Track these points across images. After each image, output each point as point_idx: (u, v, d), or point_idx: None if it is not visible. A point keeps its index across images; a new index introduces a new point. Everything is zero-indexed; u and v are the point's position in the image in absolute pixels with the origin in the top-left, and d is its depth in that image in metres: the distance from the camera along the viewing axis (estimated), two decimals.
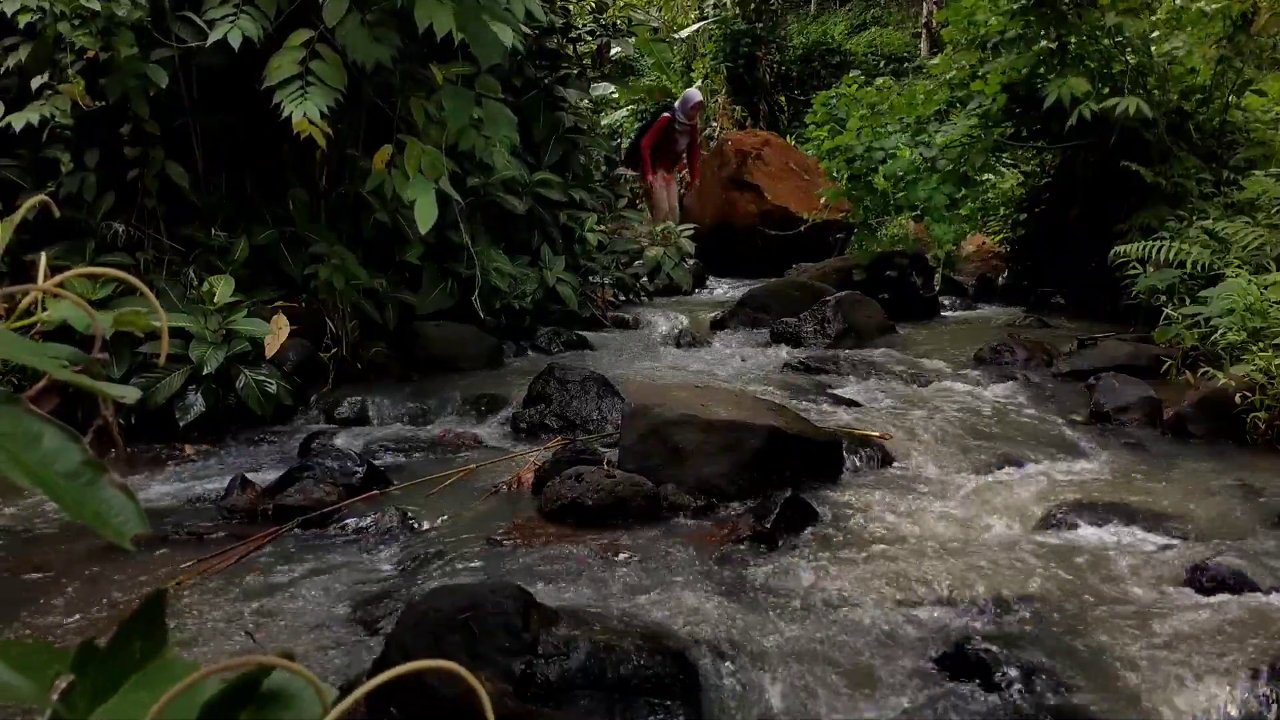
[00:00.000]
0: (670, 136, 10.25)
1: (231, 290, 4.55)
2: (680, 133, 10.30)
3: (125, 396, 0.49)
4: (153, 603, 0.43)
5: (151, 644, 0.42)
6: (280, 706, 0.40)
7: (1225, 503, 3.26)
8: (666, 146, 10.30)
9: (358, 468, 3.61)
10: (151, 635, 0.42)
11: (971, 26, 7.38)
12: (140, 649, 0.42)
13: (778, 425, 3.45)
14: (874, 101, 8.76)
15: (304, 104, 4.24)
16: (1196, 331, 4.79)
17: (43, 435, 0.43)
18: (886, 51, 17.58)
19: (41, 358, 0.45)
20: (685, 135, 10.37)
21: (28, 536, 3.21)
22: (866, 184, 8.25)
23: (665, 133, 10.26)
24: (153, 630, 0.42)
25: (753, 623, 2.40)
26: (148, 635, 0.42)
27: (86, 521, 0.43)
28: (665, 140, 10.25)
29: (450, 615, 2.19)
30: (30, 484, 0.42)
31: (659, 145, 10.24)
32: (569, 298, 6.46)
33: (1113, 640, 2.29)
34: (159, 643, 0.42)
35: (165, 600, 0.44)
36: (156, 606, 0.43)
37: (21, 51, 4.40)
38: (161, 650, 0.42)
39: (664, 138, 10.25)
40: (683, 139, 10.38)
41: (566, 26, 7.69)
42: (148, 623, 0.42)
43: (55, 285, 0.49)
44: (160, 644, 0.42)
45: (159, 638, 0.42)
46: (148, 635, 0.42)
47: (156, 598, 0.43)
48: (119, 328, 0.56)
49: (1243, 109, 6.84)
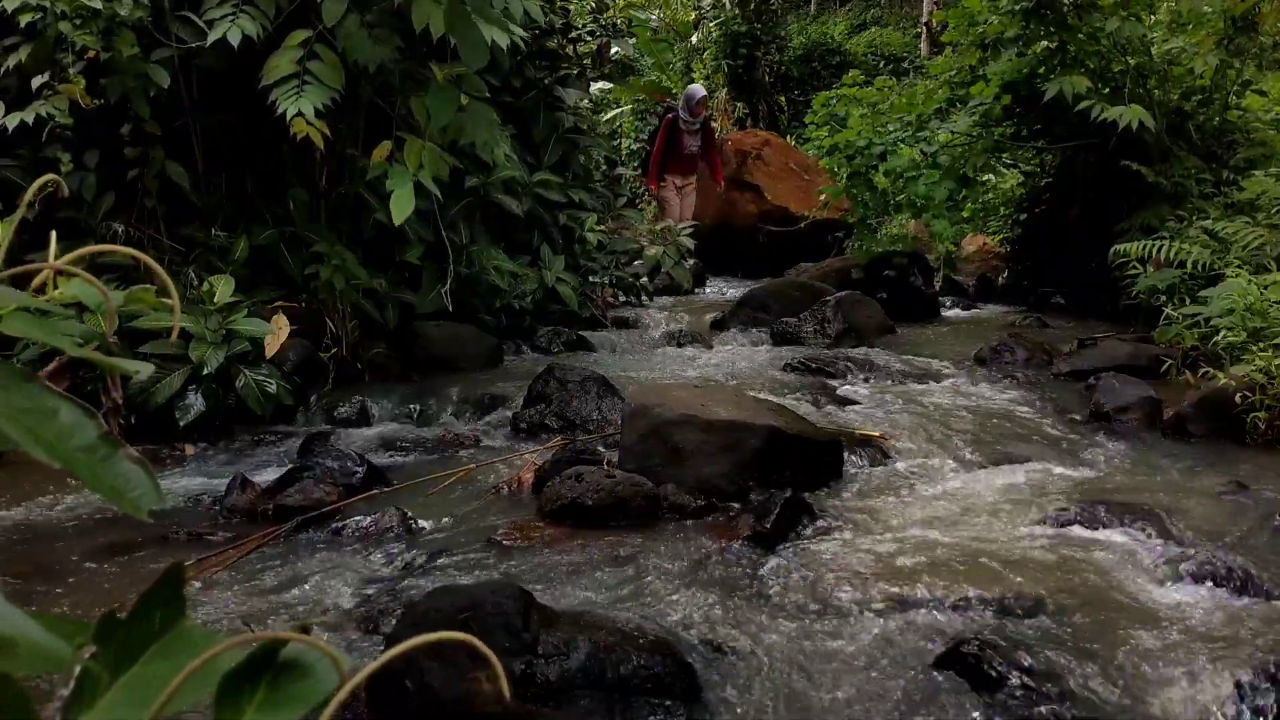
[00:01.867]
0: (677, 138, 9.82)
1: (231, 290, 4.54)
2: (688, 132, 9.80)
3: (139, 371, 0.49)
4: (172, 574, 0.43)
5: (171, 614, 0.42)
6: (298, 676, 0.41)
7: (1225, 503, 3.26)
8: (676, 150, 9.85)
9: (358, 468, 3.61)
10: (171, 606, 0.42)
11: (972, 27, 7.39)
12: (160, 619, 0.42)
13: (778, 425, 3.45)
14: (874, 101, 8.77)
15: (300, 101, 4.25)
16: (1196, 331, 4.80)
17: (59, 410, 0.43)
18: (886, 52, 17.61)
19: (55, 335, 0.45)
20: (695, 135, 9.86)
21: (28, 536, 3.20)
22: (866, 181, 8.25)
23: (672, 135, 9.83)
24: (172, 601, 0.43)
25: (753, 623, 2.40)
26: (167, 606, 0.42)
27: (103, 494, 0.43)
28: (673, 143, 9.83)
29: (450, 615, 2.18)
30: (48, 458, 0.42)
31: (668, 149, 9.83)
32: (569, 297, 6.46)
33: (1112, 640, 2.29)
34: (178, 613, 0.42)
35: (184, 573, 0.45)
36: (176, 578, 0.43)
37: (22, 51, 4.41)
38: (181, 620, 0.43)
39: (671, 140, 9.83)
40: (692, 139, 9.85)
41: (566, 27, 7.70)
42: (167, 594, 0.43)
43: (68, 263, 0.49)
44: (179, 614, 0.43)
45: (178, 608, 0.43)
46: (167, 606, 0.42)
47: (176, 570, 0.43)
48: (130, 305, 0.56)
49: (1243, 109, 6.85)
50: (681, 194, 9.94)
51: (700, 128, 9.86)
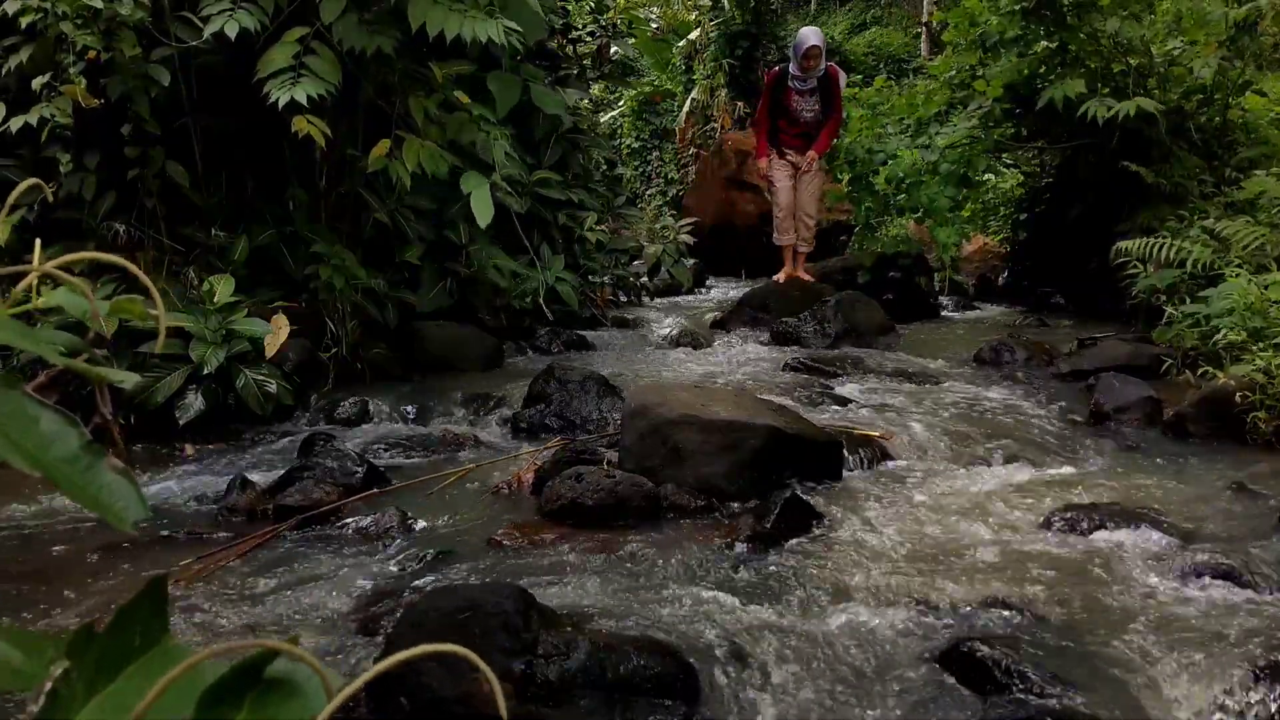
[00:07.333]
0: (785, 97, 7.42)
1: (231, 290, 4.54)
2: (801, 92, 7.38)
3: (124, 381, 0.49)
4: (154, 589, 0.42)
5: (152, 631, 0.41)
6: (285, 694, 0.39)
7: (1225, 503, 3.26)
8: (786, 114, 7.47)
9: (358, 468, 3.60)
10: (152, 622, 0.41)
11: (972, 28, 7.39)
12: (140, 636, 0.41)
13: (778, 425, 3.45)
14: (874, 102, 8.77)
15: (294, 90, 4.25)
16: (1197, 331, 4.79)
17: (40, 419, 0.42)
18: (886, 52, 17.59)
19: (39, 343, 0.45)
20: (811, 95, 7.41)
21: (26, 537, 3.20)
22: (867, 186, 8.24)
23: (777, 93, 7.44)
24: (153, 617, 0.41)
25: (753, 622, 2.40)
26: (148, 622, 0.41)
27: (87, 506, 0.42)
28: (780, 104, 7.47)
29: (450, 615, 2.18)
30: (29, 468, 0.42)
31: (775, 115, 7.51)
32: (569, 297, 6.46)
33: (1112, 640, 2.28)
34: (160, 630, 0.41)
35: (166, 586, 0.44)
36: (157, 593, 0.42)
37: (23, 52, 4.40)
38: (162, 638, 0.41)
39: (776, 103, 7.47)
40: (805, 100, 7.41)
41: (566, 27, 7.70)
42: (148, 609, 0.42)
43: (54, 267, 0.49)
44: (161, 631, 0.41)
45: (160, 625, 0.41)
46: (148, 622, 0.41)
47: (157, 584, 0.42)
48: (115, 315, 0.55)
49: (1243, 109, 6.85)
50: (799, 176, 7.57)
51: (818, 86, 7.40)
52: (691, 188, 12.86)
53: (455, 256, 5.98)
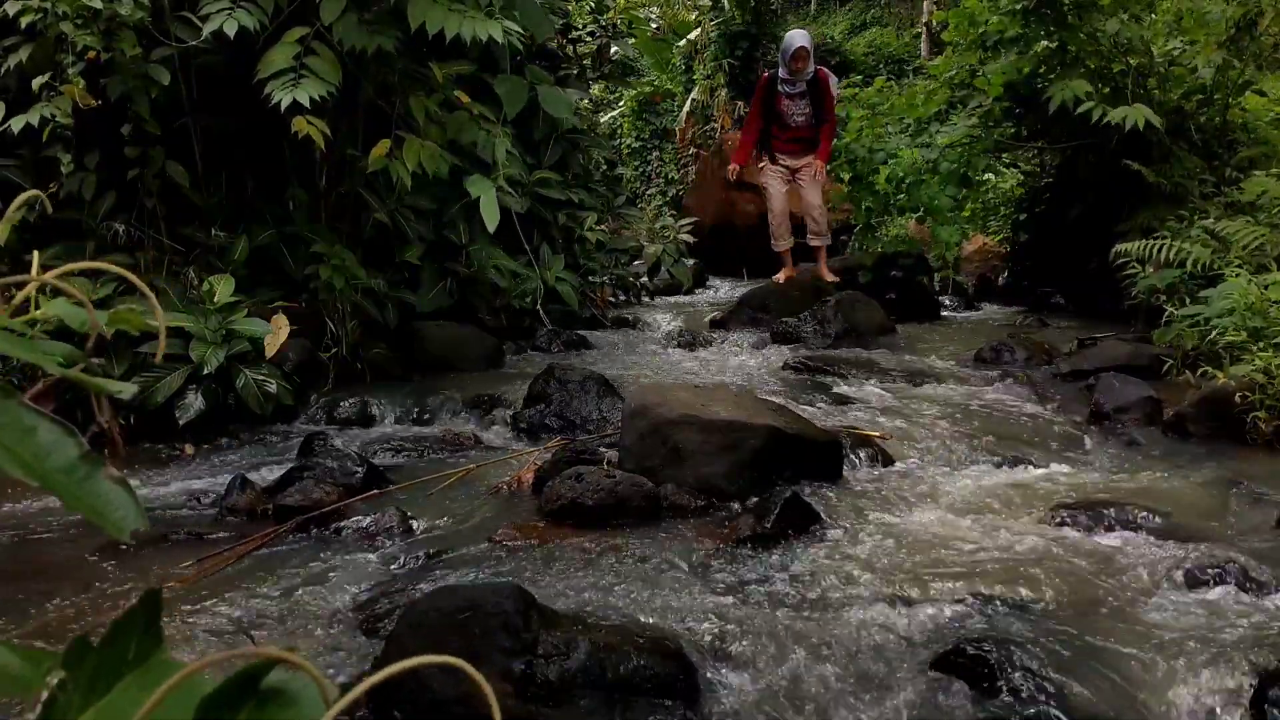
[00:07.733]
0: (774, 104, 7.38)
1: (231, 290, 4.54)
2: (791, 95, 7.33)
3: (121, 392, 0.49)
4: (148, 601, 0.42)
5: (147, 643, 0.41)
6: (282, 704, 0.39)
7: (1225, 503, 3.26)
8: (778, 119, 7.40)
9: (358, 468, 3.60)
10: (147, 635, 0.41)
11: (972, 27, 7.39)
12: (135, 648, 0.41)
13: (778, 425, 3.45)
14: (874, 102, 8.77)
15: (295, 91, 4.26)
16: (1197, 331, 4.79)
17: (37, 428, 0.42)
18: (886, 52, 17.59)
19: (36, 353, 0.45)
20: (801, 99, 7.34)
21: (27, 537, 3.20)
22: (868, 185, 8.25)
23: (768, 100, 7.40)
24: (148, 630, 0.41)
25: (753, 623, 2.40)
26: (143, 634, 0.41)
27: (84, 515, 0.42)
28: (771, 109, 7.39)
29: (450, 615, 2.18)
30: (26, 478, 0.42)
31: (766, 119, 7.43)
32: (569, 297, 6.46)
33: (1112, 640, 2.29)
34: (154, 642, 0.41)
35: (160, 599, 0.44)
36: (152, 605, 0.42)
37: (23, 52, 4.40)
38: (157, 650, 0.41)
39: (768, 107, 7.40)
40: (795, 104, 7.35)
41: (566, 27, 7.70)
42: (143, 621, 0.41)
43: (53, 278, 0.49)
44: (156, 643, 0.41)
45: (155, 637, 0.41)
46: (143, 634, 0.41)
47: (151, 596, 0.42)
48: (114, 326, 0.55)
49: (1243, 109, 6.85)
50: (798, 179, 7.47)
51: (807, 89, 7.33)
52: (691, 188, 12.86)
53: (455, 256, 5.98)
